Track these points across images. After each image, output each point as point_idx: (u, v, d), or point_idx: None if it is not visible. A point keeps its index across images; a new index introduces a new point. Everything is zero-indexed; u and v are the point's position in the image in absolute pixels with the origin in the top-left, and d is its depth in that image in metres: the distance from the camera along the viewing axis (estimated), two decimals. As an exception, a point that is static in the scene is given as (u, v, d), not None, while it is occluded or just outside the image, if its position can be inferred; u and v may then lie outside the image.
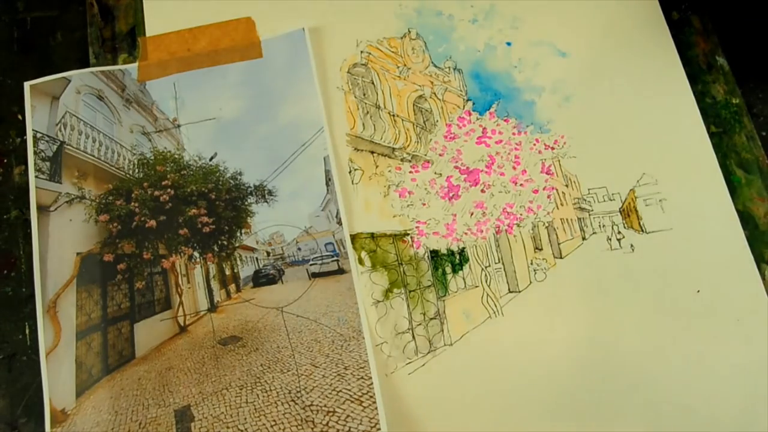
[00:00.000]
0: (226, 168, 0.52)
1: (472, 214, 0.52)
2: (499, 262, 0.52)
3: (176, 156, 0.53)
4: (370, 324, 0.47)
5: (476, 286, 0.50)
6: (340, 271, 0.49)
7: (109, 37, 0.57)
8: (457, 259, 0.51)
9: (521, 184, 0.54)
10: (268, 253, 0.51)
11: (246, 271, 0.50)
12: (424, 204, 0.52)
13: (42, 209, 0.49)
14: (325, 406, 0.45)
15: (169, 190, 0.51)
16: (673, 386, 0.47)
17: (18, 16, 0.58)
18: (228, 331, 0.48)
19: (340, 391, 0.45)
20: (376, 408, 0.44)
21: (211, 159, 0.53)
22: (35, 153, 0.50)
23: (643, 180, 0.52)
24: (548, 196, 0.53)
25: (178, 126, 0.54)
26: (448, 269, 0.51)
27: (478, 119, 0.55)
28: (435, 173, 0.53)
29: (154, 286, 0.49)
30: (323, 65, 0.55)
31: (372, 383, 0.45)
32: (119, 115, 0.54)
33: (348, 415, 0.44)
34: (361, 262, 0.49)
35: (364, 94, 0.55)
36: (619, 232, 0.52)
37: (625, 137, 0.53)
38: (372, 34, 0.57)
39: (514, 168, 0.54)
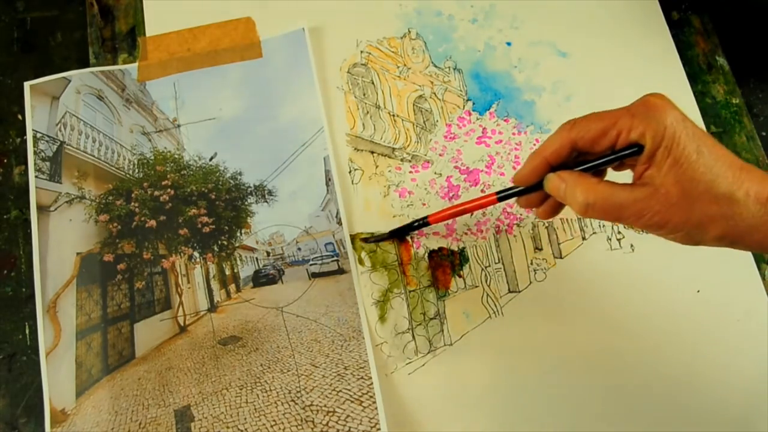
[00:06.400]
0: (226, 168, 0.52)
1: (472, 214, 0.52)
2: (499, 262, 0.52)
3: (176, 156, 0.53)
4: (370, 324, 0.47)
5: (476, 286, 0.50)
6: (340, 271, 0.49)
7: (109, 37, 0.57)
8: (457, 259, 0.51)
9: (521, 184, 0.53)
10: (268, 253, 0.51)
11: (246, 271, 0.50)
12: (424, 204, 0.52)
13: (42, 209, 0.49)
14: (325, 406, 0.45)
15: (169, 190, 0.51)
16: (673, 386, 0.47)
17: (18, 16, 0.58)
18: (228, 331, 0.48)
19: (340, 391, 0.45)
20: (376, 408, 0.44)
21: (211, 159, 0.53)
22: (35, 153, 0.50)
23: (643, 180, 0.52)
24: (548, 196, 0.53)
25: (178, 126, 0.54)
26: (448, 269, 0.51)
27: (478, 119, 0.55)
28: (435, 173, 0.53)
29: (154, 286, 0.49)
30: (323, 65, 0.55)
31: (372, 383, 0.45)
32: (119, 115, 0.54)
33: (348, 415, 0.44)
34: (361, 262, 0.49)
35: (364, 94, 0.55)
36: (619, 232, 0.52)
37: (625, 137, 0.53)
38: (372, 34, 0.57)
39: (514, 168, 0.54)
